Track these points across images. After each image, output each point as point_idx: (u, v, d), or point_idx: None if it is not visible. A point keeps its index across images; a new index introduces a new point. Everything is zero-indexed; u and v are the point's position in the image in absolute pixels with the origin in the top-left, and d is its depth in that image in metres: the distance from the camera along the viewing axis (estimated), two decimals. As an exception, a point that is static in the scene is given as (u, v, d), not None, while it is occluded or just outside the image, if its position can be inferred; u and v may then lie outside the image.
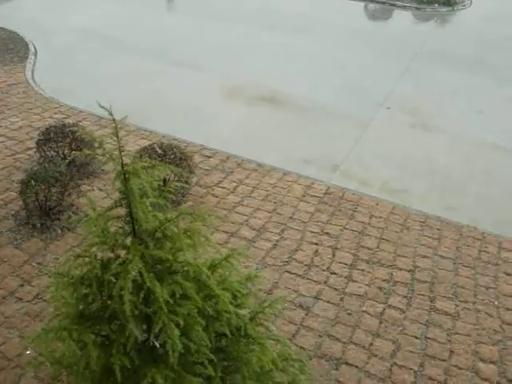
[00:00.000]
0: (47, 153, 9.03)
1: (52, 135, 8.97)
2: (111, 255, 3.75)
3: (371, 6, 21.34)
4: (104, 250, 3.79)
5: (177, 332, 3.43)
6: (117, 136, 3.37)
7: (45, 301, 6.49)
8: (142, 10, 18.46)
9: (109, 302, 3.73)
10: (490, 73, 15.10)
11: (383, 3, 21.15)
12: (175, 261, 3.68)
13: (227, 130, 11.27)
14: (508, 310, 7.11)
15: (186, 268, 3.70)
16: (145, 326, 3.68)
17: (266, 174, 9.66)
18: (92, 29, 16.38)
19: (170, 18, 18.35)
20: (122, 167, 3.44)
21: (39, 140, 9.08)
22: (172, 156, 8.42)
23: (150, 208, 3.64)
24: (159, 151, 8.32)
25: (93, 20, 17.10)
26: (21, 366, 5.75)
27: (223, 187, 9.18)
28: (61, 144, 8.98)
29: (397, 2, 21.07)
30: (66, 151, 9.01)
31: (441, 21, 20.26)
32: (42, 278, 6.87)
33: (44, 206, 7.91)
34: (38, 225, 7.83)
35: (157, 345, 3.66)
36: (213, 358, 3.69)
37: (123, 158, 3.49)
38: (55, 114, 11.28)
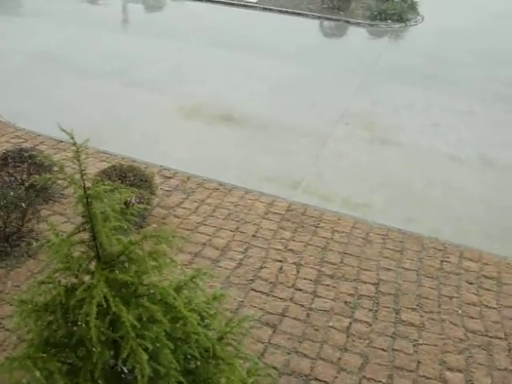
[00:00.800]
0: (5, 178, 8.87)
1: (9, 160, 8.82)
2: (75, 281, 3.70)
3: (326, 23, 21.63)
4: (68, 276, 3.74)
5: (145, 356, 3.38)
6: (78, 160, 3.34)
7: (7, 330, 6.34)
8: (98, 32, 18.33)
9: (74, 328, 3.67)
10: (443, 86, 15.42)
11: (338, 20, 21.43)
12: (141, 284, 3.64)
13: (187, 149, 11.26)
14: (472, 318, 7.23)
15: (151, 291, 3.67)
16: (112, 352, 3.63)
17: (228, 193, 9.66)
18: (48, 51, 16.21)
19: (126, 39, 18.28)
20: (85, 191, 3.40)
21: (-4, 165, 8.94)
22: (132, 178, 8.37)
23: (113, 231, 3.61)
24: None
25: (48, 42, 16.92)
26: (-17, 398, 5.60)
27: (185, 208, 9.14)
28: (19, 169, 8.83)
29: (351, 19, 21.38)
30: (24, 176, 8.86)
31: (394, 37, 20.65)
32: (3, 307, 6.72)
33: (3, 232, 7.75)
34: (-2, 252, 7.68)
35: (125, 370, 3.61)
36: (182, 380, 3.65)
37: (85, 182, 3.45)
38: (12, 138, 11.10)
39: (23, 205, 7.75)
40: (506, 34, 20.81)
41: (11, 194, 7.81)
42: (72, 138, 3.31)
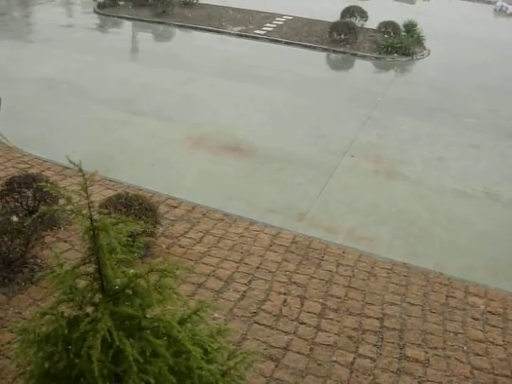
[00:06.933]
0: (10, 204, 8.87)
1: (15, 185, 8.83)
2: (79, 313, 3.66)
3: (333, 55, 21.79)
4: (71, 307, 3.71)
5: (148, 391, 3.35)
6: (86, 192, 3.33)
7: (7, 357, 6.26)
8: (107, 60, 18.51)
9: (76, 360, 3.63)
10: (448, 120, 15.47)
11: (344, 53, 21.60)
12: (145, 317, 3.61)
13: (192, 179, 11.27)
14: (477, 355, 7.13)
15: (155, 324, 3.63)
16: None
17: (232, 224, 9.63)
18: (57, 78, 16.35)
19: (135, 68, 18.42)
20: (92, 223, 3.39)
21: (2, 190, 8.91)
22: (137, 207, 8.35)
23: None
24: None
25: (58, 70, 17.08)
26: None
27: (189, 237, 9.11)
28: (24, 195, 8.84)
29: (358, 52, 21.53)
30: (29, 202, 8.86)
31: (400, 70, 20.76)
32: (4, 334, 6.65)
33: (6, 258, 7.71)
34: (0, 278, 7.63)
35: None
36: (184, 416, 3.61)
37: (92, 214, 3.44)
38: (18, 163, 11.13)
39: (27, 231, 7.75)
40: (509, 67, 20.98)
41: (16, 219, 7.80)
42: (80, 170, 3.31)
